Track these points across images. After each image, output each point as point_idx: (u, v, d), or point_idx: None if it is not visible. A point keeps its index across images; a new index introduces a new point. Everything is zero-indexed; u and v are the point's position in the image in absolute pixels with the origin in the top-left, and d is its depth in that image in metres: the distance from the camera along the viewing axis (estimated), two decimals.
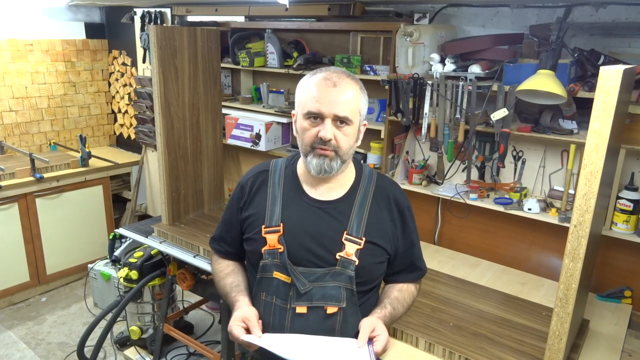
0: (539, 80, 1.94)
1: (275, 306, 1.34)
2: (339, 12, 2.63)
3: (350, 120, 1.27)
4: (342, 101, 1.25)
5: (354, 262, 1.32)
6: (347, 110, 1.26)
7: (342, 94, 1.26)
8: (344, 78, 1.27)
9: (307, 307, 1.31)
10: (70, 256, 3.83)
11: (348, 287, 1.33)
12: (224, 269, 1.49)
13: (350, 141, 1.30)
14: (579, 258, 1.41)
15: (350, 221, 1.34)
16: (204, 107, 2.72)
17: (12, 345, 3.16)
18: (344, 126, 1.27)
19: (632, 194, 2.05)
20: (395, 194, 1.43)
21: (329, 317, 1.32)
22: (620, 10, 2.08)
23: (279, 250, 1.32)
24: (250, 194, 1.42)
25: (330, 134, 1.25)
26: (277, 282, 1.34)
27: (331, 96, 1.25)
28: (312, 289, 1.31)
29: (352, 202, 1.37)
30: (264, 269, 1.35)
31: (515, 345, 1.74)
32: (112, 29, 4.30)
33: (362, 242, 1.33)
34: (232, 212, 1.47)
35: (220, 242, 1.53)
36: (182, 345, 2.89)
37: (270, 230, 1.34)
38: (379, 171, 1.49)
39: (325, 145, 1.27)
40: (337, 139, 1.27)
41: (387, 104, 2.56)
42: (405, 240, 1.43)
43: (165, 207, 2.64)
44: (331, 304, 1.32)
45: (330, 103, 1.24)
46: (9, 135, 3.91)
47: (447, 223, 2.73)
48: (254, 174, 1.45)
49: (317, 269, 1.32)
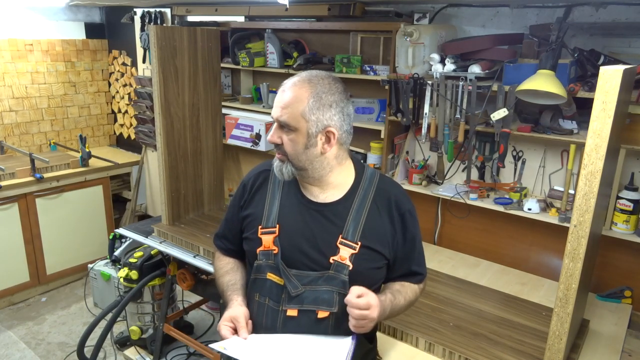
0: (539, 80, 1.94)
1: (267, 307, 1.33)
2: (339, 12, 2.63)
3: (292, 126, 1.25)
4: (282, 106, 1.26)
5: (347, 267, 1.29)
6: (285, 115, 1.25)
7: (285, 99, 1.26)
8: (296, 83, 1.26)
9: (297, 310, 1.30)
10: (70, 256, 3.83)
11: (341, 291, 1.30)
12: (224, 267, 1.50)
13: (296, 147, 1.27)
14: (579, 258, 1.41)
15: (347, 225, 1.32)
16: (204, 107, 2.72)
17: (12, 345, 3.16)
18: (287, 132, 1.27)
19: (632, 194, 2.05)
20: (397, 196, 1.38)
21: (320, 322, 1.31)
22: (620, 10, 2.08)
23: (274, 251, 1.32)
24: (250, 192, 1.42)
25: (273, 138, 1.29)
26: (271, 283, 1.33)
27: (278, 101, 1.27)
28: (304, 292, 1.30)
29: (350, 205, 1.34)
30: (258, 270, 1.35)
31: (515, 345, 1.74)
32: (112, 29, 4.30)
33: (357, 247, 1.30)
34: (233, 210, 1.48)
35: (222, 239, 1.53)
36: (182, 345, 2.89)
37: (266, 231, 1.34)
38: (382, 173, 1.45)
39: (278, 149, 1.31)
40: (283, 143, 1.29)
41: (387, 104, 2.56)
42: (405, 245, 1.39)
43: (165, 207, 2.64)
44: (322, 308, 1.30)
45: (275, 107, 1.28)
46: (9, 135, 3.91)
47: (447, 223, 2.72)
48: (255, 173, 1.45)
49: (310, 272, 1.30)
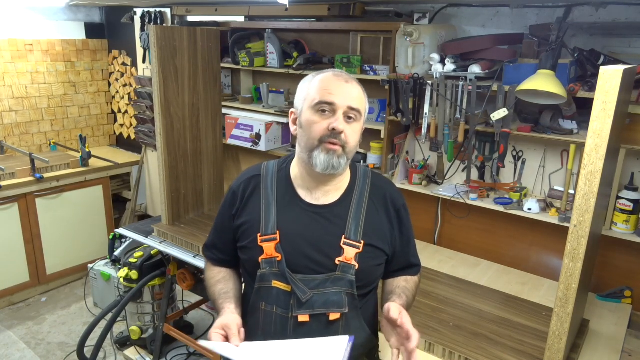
0: (539, 81, 1.94)
1: (276, 315, 1.31)
2: (339, 12, 2.63)
3: (360, 115, 1.28)
4: (354, 95, 1.26)
5: (354, 267, 1.29)
6: (360, 103, 1.27)
7: (354, 89, 1.27)
8: (350, 79, 1.29)
9: (309, 315, 1.29)
10: (70, 256, 3.83)
11: (349, 292, 1.30)
12: (215, 276, 1.45)
13: (357, 138, 1.29)
14: (579, 258, 1.41)
15: (348, 224, 1.32)
16: (204, 107, 2.72)
17: (12, 345, 3.16)
18: (352, 122, 1.26)
19: (632, 194, 2.05)
20: (391, 192, 1.41)
21: (332, 324, 1.30)
22: (620, 10, 2.08)
23: (277, 258, 1.29)
24: (243, 200, 1.37)
25: (343, 125, 1.24)
26: (277, 291, 1.30)
27: (344, 89, 1.25)
28: (313, 297, 1.28)
29: (349, 205, 1.34)
30: (262, 279, 1.32)
31: (515, 345, 1.74)
32: (112, 29, 4.30)
33: (361, 246, 1.31)
34: (223, 220, 1.42)
35: (212, 250, 1.49)
36: (182, 345, 2.89)
37: (266, 238, 1.30)
38: (373, 170, 1.47)
39: (336, 139, 1.24)
40: (346, 134, 1.25)
41: (387, 104, 2.56)
42: (403, 239, 1.42)
43: (165, 207, 2.64)
44: (333, 310, 1.29)
45: (344, 95, 1.25)
46: (9, 135, 3.91)
47: (447, 223, 2.72)
48: (245, 178, 1.40)
49: (316, 276, 1.29)
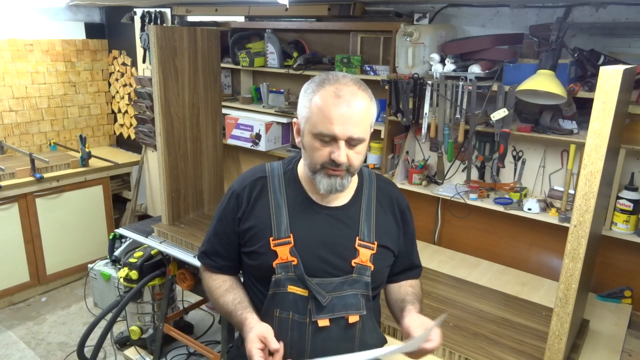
0: (539, 80, 1.94)
1: (292, 322, 1.27)
2: (339, 12, 2.63)
3: (364, 139, 1.21)
4: (356, 122, 1.16)
5: (369, 268, 1.29)
6: (362, 130, 1.18)
7: (356, 113, 1.16)
8: (355, 92, 1.18)
9: (329, 320, 1.26)
10: (70, 256, 3.83)
11: (365, 293, 1.30)
12: (222, 285, 1.38)
13: (361, 159, 1.24)
14: (579, 258, 1.41)
15: (361, 226, 1.31)
16: (204, 107, 2.72)
17: (12, 345, 3.16)
18: (356, 144, 1.19)
19: (632, 194, 2.05)
20: (396, 194, 1.43)
21: (351, 327, 1.29)
22: (620, 10, 2.08)
23: (293, 262, 1.25)
24: (249, 203, 1.31)
25: (344, 157, 1.18)
26: (294, 296, 1.26)
27: (345, 117, 1.15)
28: (332, 300, 1.26)
29: (359, 207, 1.33)
30: (277, 284, 1.27)
31: (515, 345, 1.74)
32: (112, 29, 4.30)
33: (375, 247, 1.31)
34: (227, 224, 1.35)
35: (213, 257, 1.41)
36: (182, 345, 2.88)
37: (279, 242, 1.26)
38: (376, 172, 1.49)
39: (338, 168, 1.20)
40: (350, 159, 1.19)
41: (387, 104, 2.56)
42: (407, 240, 1.43)
43: (165, 207, 2.64)
44: (352, 312, 1.28)
45: (344, 124, 1.15)
46: (9, 135, 3.90)
47: (447, 223, 2.72)
48: (250, 180, 1.34)
49: (333, 279, 1.27)
